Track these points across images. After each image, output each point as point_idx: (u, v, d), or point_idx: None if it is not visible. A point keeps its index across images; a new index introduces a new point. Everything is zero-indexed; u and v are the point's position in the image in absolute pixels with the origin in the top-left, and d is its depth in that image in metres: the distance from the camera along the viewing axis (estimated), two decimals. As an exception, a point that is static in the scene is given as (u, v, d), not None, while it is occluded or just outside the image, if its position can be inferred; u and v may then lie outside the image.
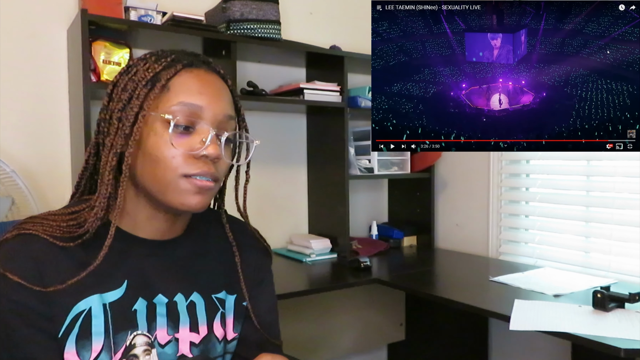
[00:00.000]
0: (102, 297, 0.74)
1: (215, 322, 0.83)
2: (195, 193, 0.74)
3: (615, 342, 1.19)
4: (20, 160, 1.70)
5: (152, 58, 0.77)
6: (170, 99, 0.74)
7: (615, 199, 1.89)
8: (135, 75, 0.75)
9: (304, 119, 2.40)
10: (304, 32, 2.27)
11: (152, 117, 0.73)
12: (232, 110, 0.82)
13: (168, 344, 0.77)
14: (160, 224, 0.80)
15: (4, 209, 1.50)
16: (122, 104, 0.75)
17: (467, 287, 1.82)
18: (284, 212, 2.36)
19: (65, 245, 0.73)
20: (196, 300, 0.82)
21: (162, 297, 0.79)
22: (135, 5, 1.75)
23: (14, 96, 1.75)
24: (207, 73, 0.79)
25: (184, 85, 0.75)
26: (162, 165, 0.73)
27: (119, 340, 0.74)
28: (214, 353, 0.82)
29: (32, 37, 1.78)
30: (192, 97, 0.74)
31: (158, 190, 0.74)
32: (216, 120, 0.76)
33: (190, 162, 0.73)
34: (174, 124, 0.72)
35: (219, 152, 0.75)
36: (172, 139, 0.72)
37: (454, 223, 2.49)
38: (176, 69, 0.75)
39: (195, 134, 0.74)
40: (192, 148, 0.73)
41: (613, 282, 1.70)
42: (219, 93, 0.78)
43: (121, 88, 0.76)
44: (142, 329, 0.76)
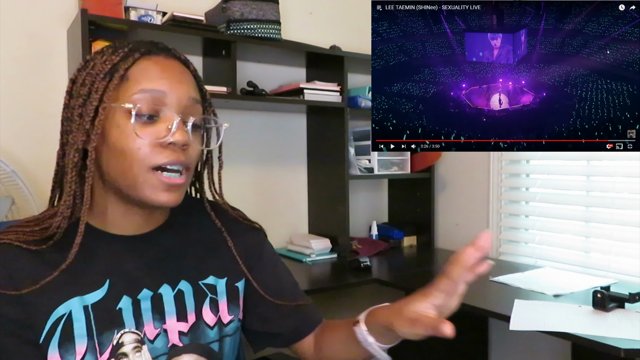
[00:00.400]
0: (82, 299, 0.73)
1: (204, 308, 0.82)
2: (165, 190, 0.73)
3: (615, 342, 1.18)
4: (20, 160, 1.70)
5: (109, 50, 0.75)
6: (130, 88, 0.72)
7: (615, 199, 1.89)
8: (92, 69, 0.74)
9: (304, 119, 2.40)
10: (304, 32, 2.27)
11: (112, 109, 0.72)
12: (197, 93, 0.79)
13: (157, 338, 0.77)
14: (136, 219, 0.79)
15: (4, 209, 1.50)
16: (82, 99, 0.73)
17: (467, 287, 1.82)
18: (284, 212, 2.36)
19: (38, 249, 0.72)
20: (184, 288, 0.81)
21: (147, 292, 0.77)
22: (135, 5, 1.75)
23: (14, 96, 1.75)
24: (167, 59, 0.77)
25: (143, 72, 0.73)
26: (129, 158, 0.71)
27: (104, 340, 0.73)
28: (206, 339, 0.81)
29: (32, 37, 1.78)
30: (152, 83, 0.72)
31: (127, 185, 0.73)
32: (181, 105, 0.74)
33: (157, 152, 0.71)
34: (136, 113, 0.70)
35: (186, 138, 0.73)
36: (136, 129, 0.70)
37: (454, 223, 2.48)
38: (134, 58, 0.73)
39: (160, 122, 0.72)
40: (158, 136, 0.72)
41: (613, 282, 1.70)
42: (180, 77, 0.76)
43: (80, 83, 0.74)
44: (130, 327, 0.75)
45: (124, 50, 0.74)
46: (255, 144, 2.25)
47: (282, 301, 0.89)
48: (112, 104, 0.72)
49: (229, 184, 0.89)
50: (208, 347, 0.81)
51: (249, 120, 2.22)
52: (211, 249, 0.87)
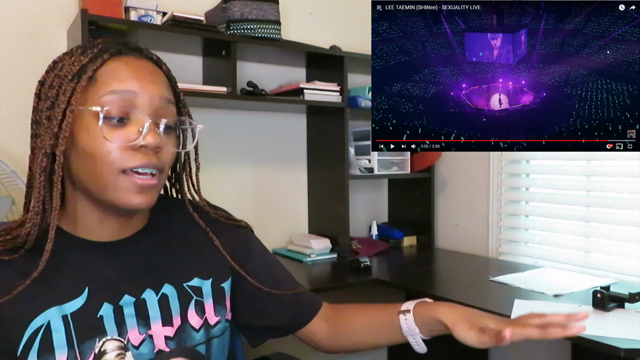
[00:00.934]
0: (61, 308, 0.71)
1: (189, 311, 0.80)
2: (137, 192, 0.71)
3: (615, 342, 1.18)
4: (20, 160, 1.69)
5: (78, 51, 0.74)
6: (99, 90, 0.70)
7: (615, 199, 1.89)
8: (61, 71, 0.72)
9: (304, 119, 2.40)
10: (304, 32, 2.27)
11: (81, 112, 0.70)
12: (170, 94, 0.77)
13: (142, 344, 0.75)
14: (113, 224, 0.77)
15: (4, 209, 1.50)
16: (50, 102, 0.71)
17: (467, 287, 1.82)
18: (284, 212, 2.36)
19: (9, 258, 0.71)
20: (168, 292, 0.79)
21: (129, 297, 0.76)
22: (135, 5, 1.75)
23: (14, 96, 1.75)
24: (138, 59, 0.74)
25: (112, 73, 0.71)
26: (99, 162, 0.69)
27: (85, 349, 0.71)
28: (191, 342, 0.80)
29: (32, 37, 1.78)
30: (122, 84, 0.70)
31: (97, 189, 0.71)
32: (152, 106, 0.72)
33: (127, 155, 0.70)
34: (104, 116, 0.68)
35: (158, 140, 0.71)
36: (105, 133, 0.68)
37: (454, 223, 2.48)
38: (103, 59, 0.71)
39: (131, 125, 0.70)
40: (129, 139, 0.70)
41: (613, 282, 1.70)
42: (152, 77, 0.74)
43: (48, 85, 0.73)
44: (112, 334, 0.73)
45: (93, 51, 0.72)
46: (255, 144, 2.25)
47: (280, 291, 0.89)
48: (80, 106, 0.70)
49: (229, 184, 0.90)
50: (194, 350, 0.80)
51: (249, 120, 2.22)
52: (195, 250, 0.85)
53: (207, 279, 0.84)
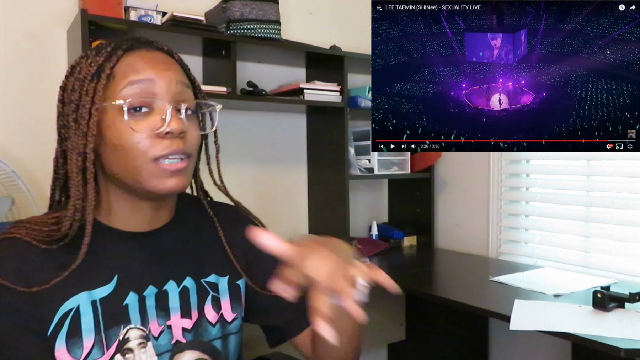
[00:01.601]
0: (90, 293, 0.74)
1: (206, 305, 0.83)
2: (170, 176, 0.73)
3: (615, 342, 1.19)
4: (20, 160, 1.70)
5: (92, 52, 0.76)
6: (118, 84, 0.73)
7: (615, 199, 1.89)
8: (80, 74, 0.75)
9: (304, 119, 2.40)
10: (304, 32, 2.27)
11: (104, 108, 0.72)
12: (186, 78, 0.79)
13: (161, 335, 0.78)
14: (144, 215, 0.80)
15: (4, 209, 1.50)
16: (75, 105, 0.74)
17: (467, 287, 1.82)
18: (284, 212, 2.36)
19: (48, 248, 0.73)
20: (189, 285, 0.82)
21: (153, 288, 0.78)
22: (135, 5, 1.75)
23: (14, 96, 1.75)
24: (150, 51, 0.77)
25: (128, 66, 0.74)
26: (130, 153, 0.72)
27: (111, 335, 0.74)
28: (208, 336, 0.82)
29: (32, 37, 1.78)
30: (139, 74, 0.73)
31: (132, 179, 0.73)
32: (170, 91, 0.74)
33: (156, 143, 0.72)
34: (127, 108, 0.71)
35: (182, 125, 0.73)
36: (131, 124, 0.71)
37: (454, 223, 2.49)
38: (118, 56, 0.74)
39: (154, 114, 0.73)
40: (154, 127, 0.72)
41: (613, 282, 1.70)
42: (166, 65, 0.77)
43: (70, 89, 0.75)
44: (136, 323, 0.76)
45: (107, 50, 0.75)
46: (255, 144, 2.25)
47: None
48: (103, 103, 0.72)
49: (229, 183, 0.89)
50: (210, 344, 0.82)
51: (249, 120, 2.22)
52: (212, 248, 0.88)
53: (224, 276, 0.87)
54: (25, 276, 0.71)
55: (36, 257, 0.73)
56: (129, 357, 0.74)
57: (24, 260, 0.72)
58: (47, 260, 0.73)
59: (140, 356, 0.75)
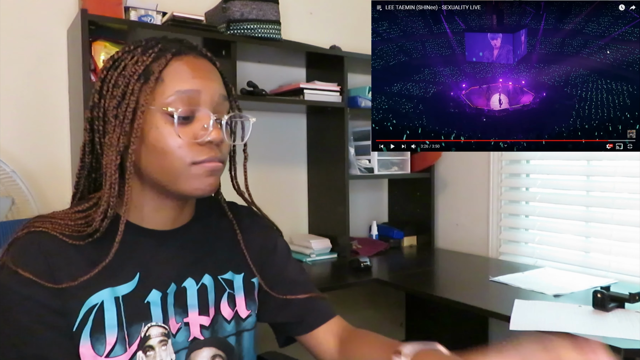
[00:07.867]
0: (114, 290, 0.74)
1: (222, 302, 0.84)
2: (207, 176, 0.75)
3: (615, 342, 1.18)
4: (20, 160, 1.70)
5: (138, 50, 0.76)
6: (166, 90, 0.73)
7: (615, 199, 1.89)
8: (124, 70, 0.75)
9: (304, 119, 2.40)
10: (304, 32, 2.27)
11: (151, 110, 0.73)
12: (225, 90, 0.82)
13: (179, 332, 0.78)
14: (168, 213, 0.81)
15: (4, 209, 1.50)
16: (117, 101, 0.74)
17: (467, 287, 1.82)
18: (284, 212, 2.36)
19: (76, 243, 0.74)
20: (207, 282, 0.83)
21: (174, 286, 0.80)
22: (135, 5, 1.75)
23: (14, 96, 1.75)
24: (196, 58, 0.78)
25: (177, 74, 0.75)
26: (170, 157, 0.73)
27: (133, 332, 0.74)
28: (223, 333, 0.83)
29: (32, 37, 1.78)
30: (187, 84, 0.74)
31: (168, 180, 0.75)
32: (213, 103, 0.76)
33: (195, 150, 0.74)
34: (177, 116, 0.72)
35: (221, 136, 0.75)
36: (178, 130, 0.73)
37: (454, 223, 2.49)
38: (167, 59, 0.74)
39: (196, 121, 0.74)
40: (196, 135, 0.74)
41: (613, 282, 1.70)
42: (211, 76, 0.78)
43: (112, 84, 0.75)
44: (157, 321, 0.76)
45: (154, 51, 0.75)
46: (255, 144, 2.25)
47: (292, 296, 0.91)
48: (151, 106, 0.73)
49: (229, 183, 0.90)
50: (225, 340, 0.83)
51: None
52: (229, 246, 0.89)
53: (239, 274, 0.88)
54: (53, 271, 0.71)
55: (64, 252, 0.73)
56: (150, 355, 0.75)
57: (52, 255, 0.72)
58: (75, 255, 0.73)
59: (161, 354, 0.76)
